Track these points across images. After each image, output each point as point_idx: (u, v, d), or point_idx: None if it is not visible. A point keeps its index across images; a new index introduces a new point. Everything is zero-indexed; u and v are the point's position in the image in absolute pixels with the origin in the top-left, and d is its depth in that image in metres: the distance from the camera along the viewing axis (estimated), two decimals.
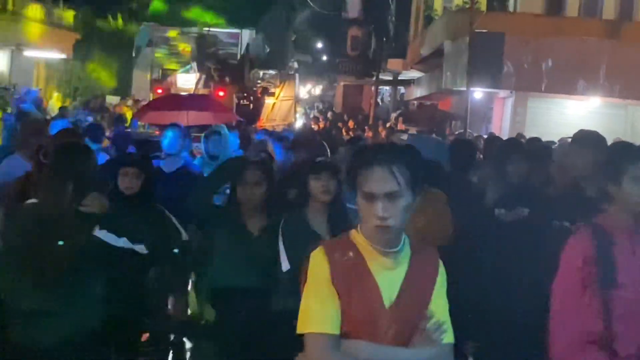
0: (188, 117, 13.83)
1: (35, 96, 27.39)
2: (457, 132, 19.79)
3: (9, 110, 21.65)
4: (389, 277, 3.17)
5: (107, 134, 16.02)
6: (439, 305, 3.23)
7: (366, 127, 28.51)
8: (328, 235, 5.13)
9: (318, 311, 3.08)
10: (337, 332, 3.08)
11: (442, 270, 3.35)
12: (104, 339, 5.00)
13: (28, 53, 29.84)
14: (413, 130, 22.05)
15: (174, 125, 8.68)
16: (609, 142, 5.49)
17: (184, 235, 6.13)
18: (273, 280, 5.18)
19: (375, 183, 3.03)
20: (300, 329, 3.11)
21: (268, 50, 29.09)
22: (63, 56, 31.97)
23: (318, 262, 3.17)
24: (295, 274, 5.06)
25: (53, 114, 23.09)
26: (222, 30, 29.17)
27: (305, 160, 6.20)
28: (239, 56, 27.81)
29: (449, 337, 3.20)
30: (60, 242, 4.61)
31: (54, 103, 27.88)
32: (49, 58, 31.91)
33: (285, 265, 5.14)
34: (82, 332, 4.62)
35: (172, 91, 24.20)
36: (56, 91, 31.39)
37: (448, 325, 3.21)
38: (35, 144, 6.49)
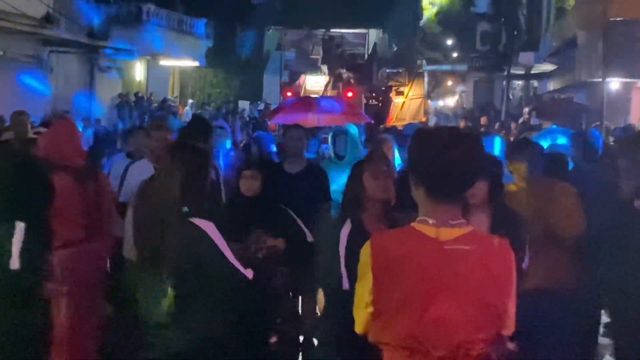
0: (319, 119, 14.00)
1: (171, 105, 28.34)
2: (593, 125, 19.22)
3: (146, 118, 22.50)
4: None
5: (240, 137, 16.46)
6: None
7: (497, 124, 28.07)
8: None
9: None
10: None
11: None
12: (233, 342, 4.92)
13: (163, 62, 30.83)
14: (547, 125, 21.56)
15: (296, 126, 8.73)
16: None
17: (309, 236, 6.08)
18: None
19: None
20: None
21: (395, 49, 29.09)
22: (196, 64, 32.87)
23: None
24: None
25: (188, 120, 23.85)
26: (348, 31, 29.31)
27: None
28: (366, 56, 27.92)
29: None
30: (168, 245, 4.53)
31: (189, 110, 28.76)
32: (183, 66, 32.87)
33: None
34: (208, 338, 4.58)
35: (302, 94, 24.52)
36: (190, 98, 32.31)
37: None
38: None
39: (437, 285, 3.06)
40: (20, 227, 4.80)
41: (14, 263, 4.89)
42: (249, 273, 4.56)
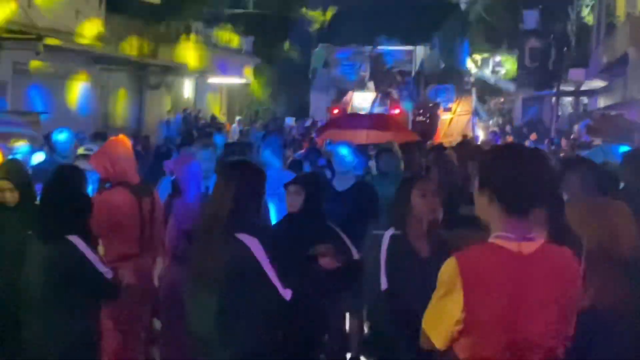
0: (368, 136, 13.94)
1: (219, 122, 28.49)
2: None
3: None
4: None
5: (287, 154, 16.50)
6: None
7: (546, 140, 27.75)
8: None
9: None
10: None
11: None
12: (280, 359, 4.92)
13: (211, 79, 31.06)
14: (598, 142, 21.25)
15: (344, 143, 8.72)
16: None
17: (355, 254, 5.98)
18: None
19: None
20: None
21: (443, 65, 28.96)
22: (243, 81, 33.06)
23: None
24: None
25: (236, 138, 23.97)
26: (395, 48, 29.22)
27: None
28: (413, 73, 27.81)
29: None
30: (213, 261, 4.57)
31: (236, 127, 28.90)
32: (231, 83, 33.07)
33: None
34: (254, 355, 4.58)
35: (349, 111, 24.45)
36: (238, 115, 32.48)
37: None
38: None
39: (526, 296, 3.21)
40: (79, 242, 4.88)
41: (108, 273, 5.04)
42: (287, 294, 4.54)
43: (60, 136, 8.96)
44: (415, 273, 5.03)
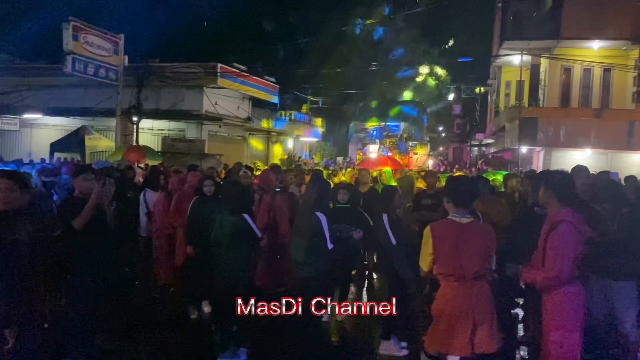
0: (376, 165, 14.78)
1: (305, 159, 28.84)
2: (514, 170, 18.87)
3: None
4: None
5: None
6: None
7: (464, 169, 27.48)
8: None
9: None
10: None
11: None
12: (336, 273, 4.54)
13: (301, 139, 31.79)
14: (490, 170, 21.13)
15: (365, 169, 8.25)
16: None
17: (371, 222, 5.45)
18: None
19: None
20: None
21: (413, 131, 29.30)
22: (317, 140, 33.28)
23: None
24: None
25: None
26: (388, 124, 29.81)
27: None
28: (399, 135, 28.30)
29: None
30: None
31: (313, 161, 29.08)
32: (311, 140, 33.78)
33: None
34: (321, 270, 4.25)
35: (367, 155, 25.01)
36: (314, 155, 33.01)
37: None
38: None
39: (463, 244, 3.06)
40: (247, 217, 4.56)
41: (260, 235, 4.61)
42: (330, 246, 4.15)
43: None
44: (403, 238, 4.69)
